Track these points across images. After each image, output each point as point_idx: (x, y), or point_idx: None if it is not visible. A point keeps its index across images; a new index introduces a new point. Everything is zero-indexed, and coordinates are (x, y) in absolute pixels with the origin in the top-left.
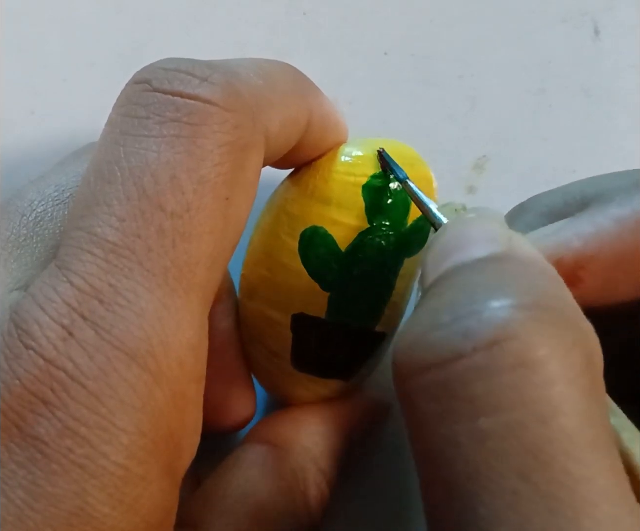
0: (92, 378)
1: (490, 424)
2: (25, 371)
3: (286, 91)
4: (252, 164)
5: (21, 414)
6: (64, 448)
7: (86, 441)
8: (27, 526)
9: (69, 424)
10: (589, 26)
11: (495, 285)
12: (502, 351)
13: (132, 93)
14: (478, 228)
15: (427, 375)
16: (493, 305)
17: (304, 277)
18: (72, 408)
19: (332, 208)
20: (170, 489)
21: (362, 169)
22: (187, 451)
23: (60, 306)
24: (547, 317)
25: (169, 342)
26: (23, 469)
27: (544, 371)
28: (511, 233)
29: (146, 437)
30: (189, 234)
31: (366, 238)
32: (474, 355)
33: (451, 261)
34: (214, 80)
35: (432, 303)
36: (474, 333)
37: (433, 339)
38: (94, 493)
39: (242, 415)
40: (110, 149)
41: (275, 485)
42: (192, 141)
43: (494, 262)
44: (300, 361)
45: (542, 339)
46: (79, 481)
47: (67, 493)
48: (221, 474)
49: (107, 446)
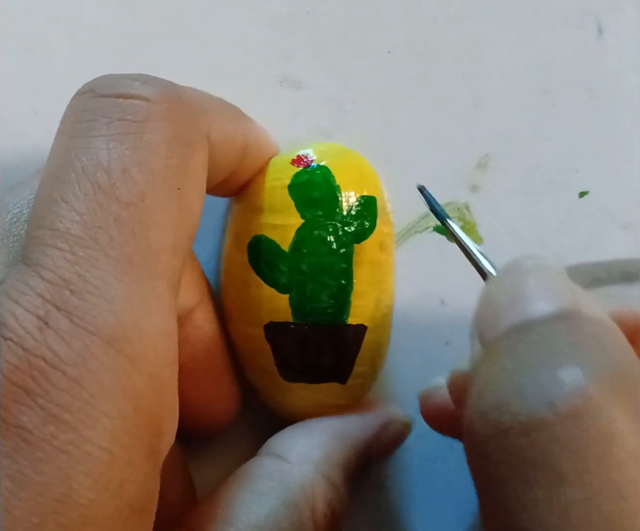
0: (71, 364)
1: (571, 495)
2: (5, 362)
3: (222, 109)
4: (199, 159)
5: (4, 405)
6: (48, 435)
7: (70, 427)
8: (13, 516)
9: (51, 411)
10: (592, 25)
11: (573, 350)
12: (585, 423)
13: (77, 103)
14: (540, 280)
15: (507, 440)
16: (576, 374)
17: (262, 286)
18: (54, 395)
19: (267, 214)
20: (152, 473)
21: (286, 171)
22: (166, 434)
23: (34, 298)
24: (625, 388)
25: (141, 326)
26: (8, 459)
27: (626, 447)
28: (574, 287)
29: (128, 421)
30: (147, 223)
31: (304, 233)
32: (558, 425)
33: (517, 315)
34: (154, 83)
35: (507, 364)
36: (558, 402)
37: (516, 405)
38: (79, 479)
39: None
40: (62, 153)
41: (281, 499)
42: (139, 137)
43: (564, 321)
44: (286, 372)
45: (622, 413)
46: (64, 467)
47: (53, 480)
48: (228, 484)
49: (90, 431)
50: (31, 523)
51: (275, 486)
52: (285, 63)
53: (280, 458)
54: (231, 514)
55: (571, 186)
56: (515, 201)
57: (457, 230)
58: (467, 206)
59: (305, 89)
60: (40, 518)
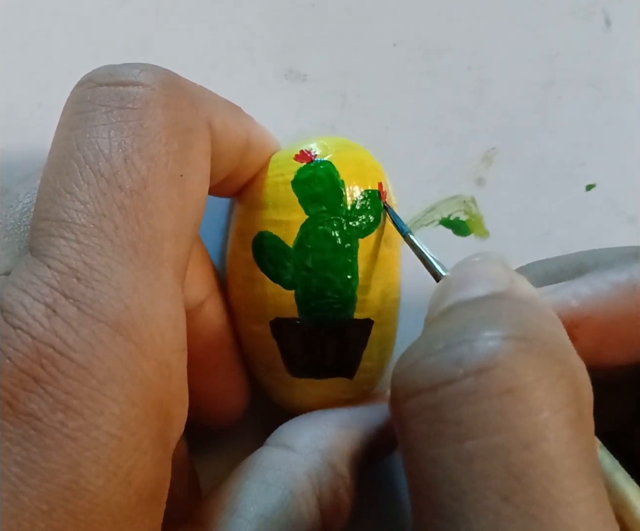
0: (79, 351)
1: (475, 447)
2: (15, 350)
3: (223, 103)
4: (200, 145)
5: (13, 393)
6: (56, 422)
7: (78, 414)
8: (22, 502)
9: (60, 398)
10: (599, 17)
11: (489, 318)
12: (490, 377)
13: (76, 94)
14: (482, 269)
15: (419, 398)
16: (484, 335)
17: (267, 283)
18: (63, 382)
19: (270, 210)
20: (162, 460)
21: (289, 167)
22: (176, 421)
23: (42, 287)
24: (535, 349)
25: (148, 313)
26: (17, 446)
27: (529, 399)
28: (514, 275)
29: (137, 407)
30: (150, 210)
31: (308, 229)
32: (463, 380)
33: (452, 298)
34: (153, 71)
35: (429, 333)
36: (465, 359)
37: (426, 365)
38: (88, 466)
39: (237, 408)
40: (63, 145)
41: (288, 489)
42: (139, 124)
43: (492, 299)
44: (293, 368)
45: (529, 369)
46: (73, 454)
47: (61, 467)
48: (235, 476)
49: (99, 417)
50: (40, 510)
51: (282, 476)
52: (290, 56)
53: (287, 448)
54: (239, 504)
55: (578, 179)
56: (521, 194)
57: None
58: (473, 199)
59: (310, 82)
60: (49, 506)
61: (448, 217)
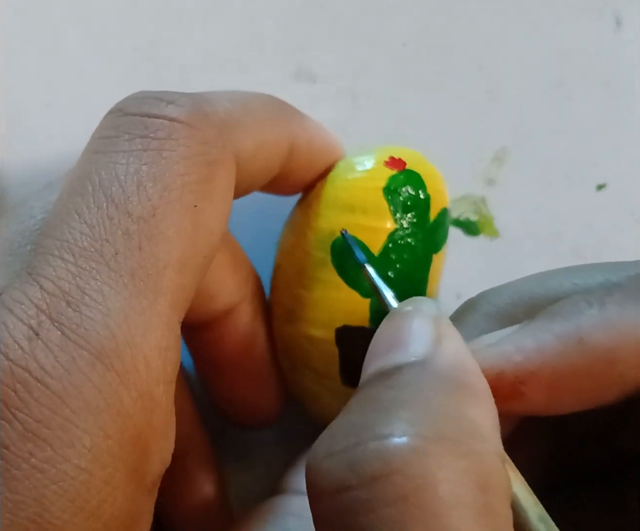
0: (56, 377)
1: None
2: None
3: (262, 116)
4: (222, 179)
5: None
6: (25, 452)
7: (47, 444)
8: None
9: (30, 426)
10: (610, 17)
11: (393, 407)
12: (385, 484)
13: (105, 121)
14: (407, 327)
15: (324, 502)
16: (381, 433)
17: (343, 288)
18: (35, 410)
19: (358, 215)
20: (137, 494)
21: (380, 173)
22: (156, 455)
23: (29, 308)
24: (434, 448)
25: (136, 342)
26: None
27: (426, 504)
28: (444, 331)
29: (111, 439)
30: (156, 238)
31: (396, 239)
32: (358, 489)
33: (375, 365)
34: (180, 103)
35: (337, 422)
36: (358, 466)
37: (327, 467)
38: (54, 500)
39: (270, 412)
40: (83, 167)
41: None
42: (159, 154)
43: (409, 372)
44: (350, 377)
45: (426, 471)
46: (39, 487)
47: (26, 499)
48: (256, 518)
49: (69, 449)
50: None
51: (305, 524)
52: (301, 56)
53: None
54: None
55: (589, 179)
56: (532, 194)
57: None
58: (484, 200)
59: (321, 82)
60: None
61: (458, 217)
